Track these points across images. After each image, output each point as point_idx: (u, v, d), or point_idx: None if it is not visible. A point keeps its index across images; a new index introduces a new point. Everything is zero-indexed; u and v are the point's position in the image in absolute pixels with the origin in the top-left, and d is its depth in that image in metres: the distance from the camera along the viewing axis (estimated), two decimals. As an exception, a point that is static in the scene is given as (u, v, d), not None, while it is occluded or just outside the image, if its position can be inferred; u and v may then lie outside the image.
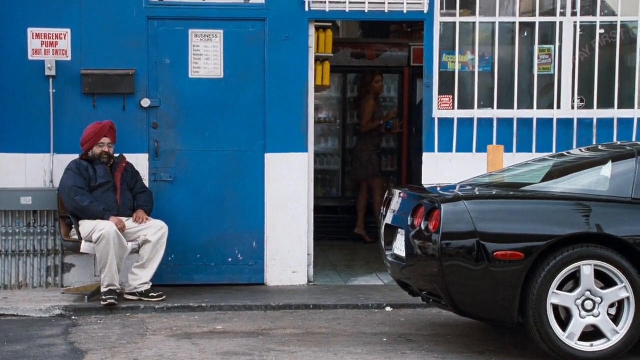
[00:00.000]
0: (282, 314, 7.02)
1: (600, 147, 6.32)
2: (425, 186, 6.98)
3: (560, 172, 5.92)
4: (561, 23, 8.10)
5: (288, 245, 8.05)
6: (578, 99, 8.20)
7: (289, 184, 8.03)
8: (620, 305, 5.30)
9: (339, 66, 12.69)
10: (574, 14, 8.08)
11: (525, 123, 8.10)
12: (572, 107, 8.13)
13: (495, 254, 5.22)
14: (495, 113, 8.11)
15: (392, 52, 12.08)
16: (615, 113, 8.11)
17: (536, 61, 8.14)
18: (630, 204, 5.39)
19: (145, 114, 7.91)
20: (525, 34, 8.22)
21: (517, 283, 5.21)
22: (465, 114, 8.11)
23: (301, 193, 8.08)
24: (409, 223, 5.64)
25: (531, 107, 8.13)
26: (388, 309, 7.12)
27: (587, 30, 8.16)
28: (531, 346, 5.41)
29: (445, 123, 8.12)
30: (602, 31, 8.17)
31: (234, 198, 8.00)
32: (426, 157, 8.16)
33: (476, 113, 8.11)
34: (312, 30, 8.10)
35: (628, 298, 5.26)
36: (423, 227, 5.45)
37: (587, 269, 5.25)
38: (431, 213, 5.41)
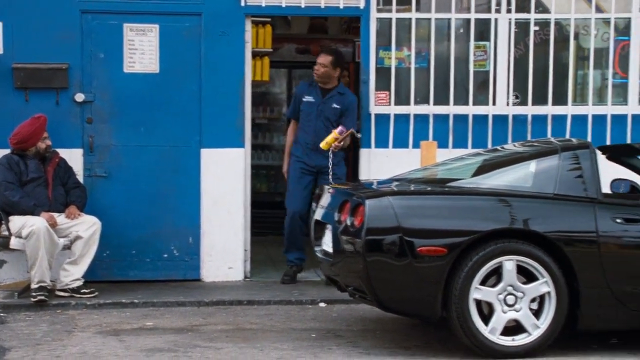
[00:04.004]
0: (215, 309, 6.99)
1: (529, 144, 6.37)
2: (362, 182, 7.00)
3: (488, 167, 5.96)
4: (496, 20, 8.16)
5: (224, 241, 8.02)
6: (513, 95, 8.27)
7: (225, 180, 8.00)
8: (542, 300, 5.35)
9: (284, 61, 12.69)
10: (508, 10, 8.14)
11: (461, 119, 8.15)
12: (508, 104, 8.21)
13: (418, 249, 5.24)
14: (431, 109, 8.15)
15: (337, 48, 12.09)
16: (549, 110, 8.20)
17: (472, 57, 8.20)
18: (552, 199, 5.45)
19: (79, 109, 7.82)
20: (461, 31, 8.27)
21: (440, 278, 5.24)
22: (401, 110, 8.14)
23: (237, 188, 8.06)
24: (336, 219, 5.65)
25: (467, 103, 8.18)
26: (322, 304, 7.12)
27: (522, 27, 8.23)
28: (456, 341, 5.44)
29: (382, 119, 8.14)
30: (537, 28, 8.25)
31: (170, 193, 7.94)
32: (363, 153, 8.17)
33: (412, 109, 8.14)
34: (248, 26, 8.07)
35: (549, 293, 5.32)
36: (348, 222, 5.46)
37: (509, 264, 5.29)
38: (356, 209, 5.42)
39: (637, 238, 5.38)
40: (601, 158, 6.73)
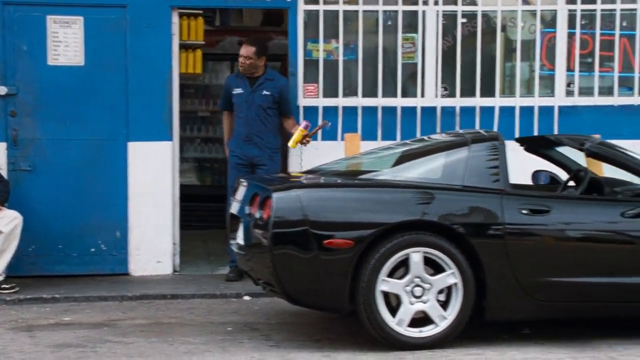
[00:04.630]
0: (137, 304, 6.95)
1: (445, 135, 6.39)
2: (281, 174, 6.99)
3: (402, 159, 5.97)
4: (424, 12, 8.17)
5: (153, 235, 7.97)
6: (442, 87, 8.29)
7: (152, 173, 7.95)
8: (449, 291, 5.37)
9: (226, 54, 12.65)
10: (436, 2, 8.15)
11: (389, 111, 8.16)
12: (436, 96, 8.23)
13: (325, 242, 5.23)
14: (359, 101, 8.14)
15: (279, 40, 12.04)
16: (477, 102, 8.22)
17: (400, 50, 8.21)
18: (460, 191, 5.47)
19: (2, 102, 7.72)
20: (389, 23, 8.27)
21: (347, 271, 5.24)
22: (330, 102, 8.13)
23: (165, 182, 8.00)
24: (247, 212, 5.63)
25: (395, 95, 8.19)
26: (246, 297, 7.10)
27: (450, 19, 8.24)
28: (365, 333, 5.44)
29: (311, 111, 8.12)
30: (465, 20, 8.27)
31: (97, 187, 7.87)
32: (292, 145, 8.16)
33: (341, 101, 8.13)
34: (175, 18, 8.00)
35: (456, 284, 5.34)
36: (257, 216, 5.44)
37: (416, 256, 5.30)
38: (264, 202, 5.40)
39: (543, 229, 5.42)
40: (519, 150, 6.83)
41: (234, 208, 5.98)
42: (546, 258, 5.39)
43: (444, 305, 5.36)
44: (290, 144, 7.49)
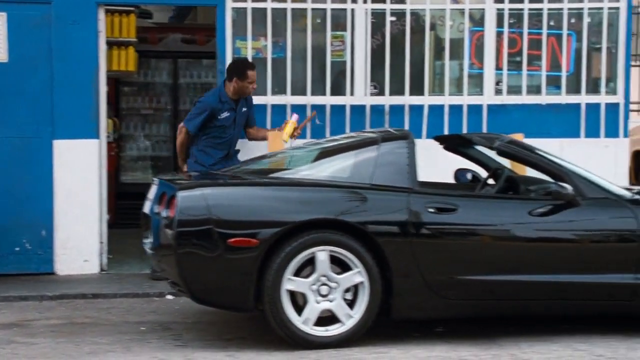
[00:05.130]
0: (57, 304, 6.88)
1: (356, 134, 6.38)
2: (189, 173, 6.95)
3: (316, 158, 5.95)
4: (353, 10, 8.16)
5: (79, 234, 7.90)
6: (371, 85, 8.29)
7: (79, 172, 7.87)
8: (356, 290, 5.36)
9: (169, 52, 12.58)
10: (365, 1, 8.14)
11: (318, 110, 8.13)
12: (366, 94, 8.23)
13: (229, 241, 5.20)
14: (288, 99, 8.12)
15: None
16: (406, 100, 8.23)
17: (329, 48, 8.19)
18: (369, 189, 5.47)
19: None
20: (319, 21, 8.25)
21: (252, 270, 5.21)
22: (259, 100, 8.07)
23: (92, 180, 7.92)
24: (155, 211, 5.59)
25: (324, 93, 8.18)
26: (169, 296, 7.05)
27: (379, 18, 8.24)
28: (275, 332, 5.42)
29: (238, 109, 8.10)
30: (394, 19, 8.28)
31: (21, 186, 7.78)
32: (221, 143, 8.12)
33: (270, 99, 8.11)
34: (101, 15, 7.93)
35: (363, 283, 5.32)
36: (164, 214, 5.40)
37: (322, 255, 5.28)
38: (170, 201, 5.36)
39: (449, 227, 5.42)
40: (438, 148, 6.84)
41: (146, 207, 5.94)
42: (453, 256, 5.40)
43: (351, 304, 5.35)
44: (283, 137, 7.39)
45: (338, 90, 8.23)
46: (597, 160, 8.29)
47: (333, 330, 5.31)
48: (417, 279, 5.35)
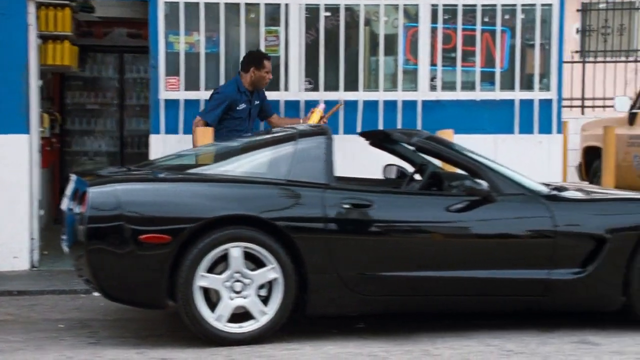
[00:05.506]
0: (-19, 301, 6.80)
1: (276, 130, 6.35)
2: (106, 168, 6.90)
3: (234, 154, 5.91)
4: (287, 5, 8.13)
5: (9, 231, 7.80)
6: (306, 81, 8.27)
7: (8, 167, 7.76)
8: (271, 286, 5.33)
9: (115, 46, 12.48)
10: (299, -5, 8.14)
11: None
12: (300, 89, 8.20)
13: (141, 237, 5.15)
14: (222, 95, 8.09)
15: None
16: (340, 95, 8.21)
17: (263, 43, 8.15)
18: (285, 185, 5.44)
19: None
20: (252, 16, 8.21)
21: (164, 266, 5.17)
22: (191, 95, 8.04)
23: (22, 176, 7.82)
24: (68, 207, 5.53)
25: (259, 89, 8.15)
26: (95, 294, 6.94)
27: (313, 13, 8.22)
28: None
29: (172, 104, 8.03)
30: (328, 14, 8.26)
31: (-51, 182, 7.69)
32: (153, 139, 8.05)
33: (203, 94, 8.04)
34: (31, 8, 7.83)
35: (277, 279, 5.30)
36: (77, 211, 5.34)
37: (235, 251, 5.25)
38: (82, 197, 5.30)
39: (363, 223, 5.41)
40: (364, 144, 6.83)
41: (63, 203, 5.87)
42: (368, 253, 5.38)
43: (266, 300, 5.32)
44: None
45: (272, 85, 8.19)
46: (531, 156, 8.35)
47: (247, 326, 5.28)
48: (332, 275, 5.34)
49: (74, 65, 10.01)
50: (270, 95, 8.13)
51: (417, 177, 6.44)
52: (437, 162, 6.45)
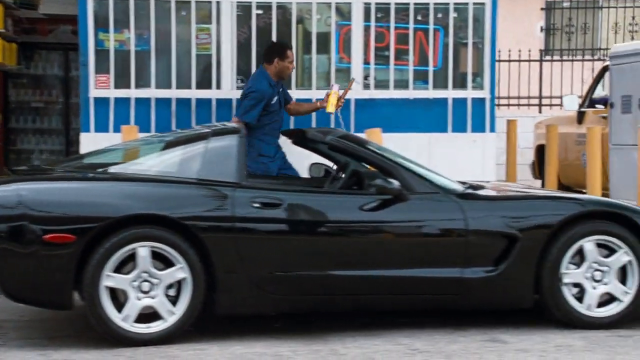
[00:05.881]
0: None
1: (192, 129, 6.31)
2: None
3: (149, 152, 5.87)
4: (218, 2, 8.08)
5: None
6: (238, 79, 8.22)
7: None
8: (180, 286, 5.28)
9: (60, 43, 12.38)
10: (230, -7, 8.09)
11: (184, 103, 8.05)
12: (232, 88, 8.15)
13: (45, 237, 5.09)
14: (153, 92, 8.01)
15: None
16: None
17: (194, 41, 8.10)
18: (195, 185, 5.39)
19: None
20: (184, 13, 8.14)
21: (69, 267, 5.11)
22: (122, 93, 7.98)
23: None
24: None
25: (190, 87, 8.09)
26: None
27: (245, 10, 8.17)
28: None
29: (102, 102, 7.96)
30: (260, 12, 8.22)
31: None
32: (83, 137, 7.99)
33: (133, 93, 7.99)
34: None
35: (185, 279, 5.25)
36: (-19, 210, 5.27)
37: (142, 251, 5.19)
38: (-13, 196, 5.23)
39: (272, 223, 5.38)
40: (287, 142, 6.80)
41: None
42: (277, 252, 5.35)
43: (175, 300, 5.28)
44: (330, 109, 7.42)
45: (205, 83, 8.14)
46: (465, 155, 8.36)
47: (155, 327, 5.23)
48: (242, 274, 5.30)
49: (11, 62, 9.92)
50: (202, 94, 8.09)
51: (343, 175, 6.42)
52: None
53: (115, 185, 5.33)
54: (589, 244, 5.57)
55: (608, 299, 5.63)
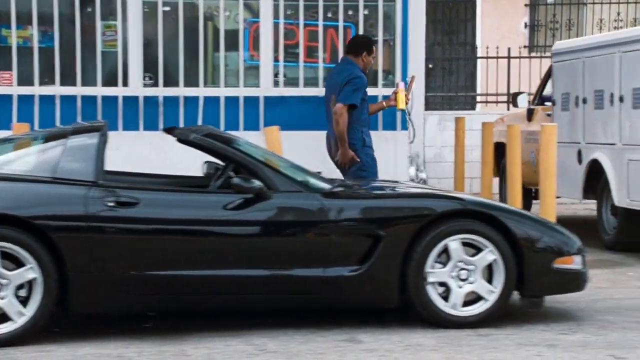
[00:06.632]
0: None
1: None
2: None
3: (8, 150, 5.75)
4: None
5: None
6: (146, 76, 8.16)
7: None
8: (31, 286, 5.20)
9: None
10: (135, -10, 8.01)
11: (90, 100, 7.98)
12: (140, 85, 8.08)
13: None
14: (58, 90, 7.95)
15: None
16: (181, 91, 8.11)
17: (100, 37, 8.04)
18: (49, 183, 5.31)
19: None
20: (90, 10, 8.08)
21: None
22: (26, 90, 7.92)
23: None
24: None
25: (96, 84, 8.02)
26: None
27: (152, 7, 8.11)
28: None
29: (5, 100, 7.90)
30: (167, 8, 8.15)
31: None
32: (-14, 136, 7.92)
33: (37, 90, 7.93)
34: None
35: (36, 279, 5.17)
36: None
37: (-8, 252, 5.13)
38: None
39: (127, 222, 5.29)
40: (171, 140, 6.71)
41: None
42: (132, 252, 5.26)
43: (26, 301, 5.19)
44: (400, 106, 7.55)
45: (110, 81, 8.07)
46: (379, 153, 8.25)
47: (3, 328, 5.15)
48: (96, 274, 5.22)
49: None
50: (108, 91, 8.03)
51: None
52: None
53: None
54: (453, 243, 5.49)
55: (475, 298, 5.56)
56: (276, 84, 8.25)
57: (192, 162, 7.15)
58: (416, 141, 8.25)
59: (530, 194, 10.53)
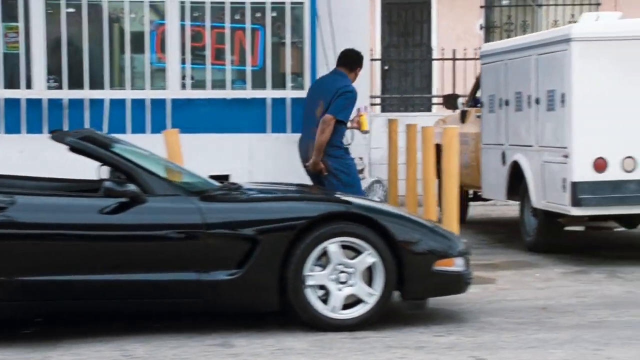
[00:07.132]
0: None
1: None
2: None
3: None
4: (26, 0, 7.92)
5: None
6: (50, 79, 8.06)
7: None
8: None
9: None
10: (40, -10, 7.92)
11: (-8, 103, 7.88)
12: (44, 88, 7.97)
13: None
14: (-43, 93, 7.84)
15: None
16: (86, 94, 8.03)
17: (2, 39, 7.92)
18: None
19: None
20: (-9, 11, 7.97)
21: None
22: None
23: None
24: None
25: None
26: None
27: (56, 9, 8.01)
28: None
29: None
30: (72, 10, 8.06)
31: None
32: None
33: (-63, 95, 7.81)
34: None
35: None
36: None
37: None
38: None
39: (-5, 226, 5.22)
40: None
41: None
42: (4, 257, 5.17)
43: None
44: (364, 128, 7.52)
45: (12, 83, 7.96)
46: (287, 156, 8.21)
47: None
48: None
49: None
50: (11, 94, 7.92)
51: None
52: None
53: None
54: (332, 246, 5.44)
55: (355, 301, 5.52)
56: (183, 86, 8.19)
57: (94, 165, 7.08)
58: (363, 142, 8.21)
59: (467, 195, 10.51)
